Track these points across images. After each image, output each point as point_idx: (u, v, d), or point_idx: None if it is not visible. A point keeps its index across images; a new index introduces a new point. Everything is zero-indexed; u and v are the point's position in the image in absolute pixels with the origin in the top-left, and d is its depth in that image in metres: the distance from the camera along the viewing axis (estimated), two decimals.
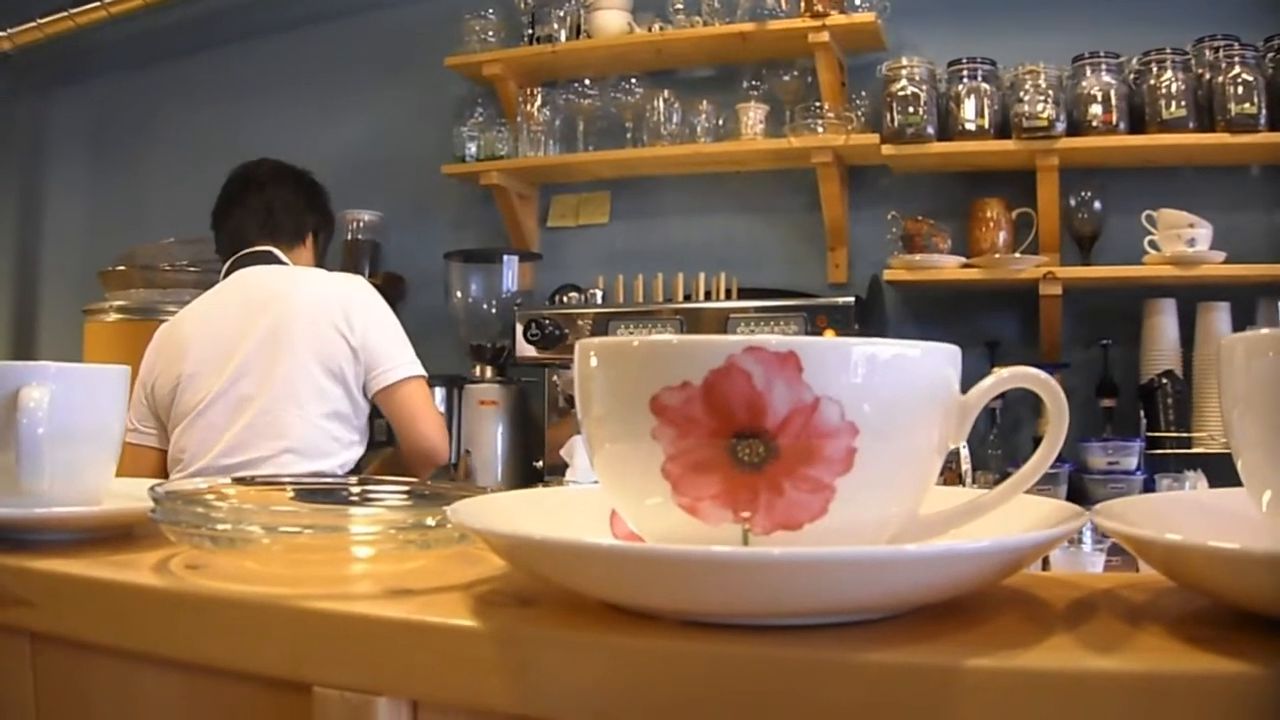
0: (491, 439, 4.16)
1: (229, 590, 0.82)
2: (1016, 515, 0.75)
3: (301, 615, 0.77)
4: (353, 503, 1.00)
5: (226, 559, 0.89)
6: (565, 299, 4.24)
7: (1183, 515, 0.79)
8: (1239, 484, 0.72)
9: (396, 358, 3.26)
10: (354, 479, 1.03)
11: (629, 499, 0.73)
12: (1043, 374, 0.73)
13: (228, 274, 3.43)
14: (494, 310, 4.29)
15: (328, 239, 3.78)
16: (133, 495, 1.03)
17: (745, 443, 0.64)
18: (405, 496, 0.99)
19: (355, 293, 3.30)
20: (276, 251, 3.45)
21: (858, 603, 0.64)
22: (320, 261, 3.67)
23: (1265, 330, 0.70)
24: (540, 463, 4.12)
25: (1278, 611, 0.62)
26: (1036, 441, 3.74)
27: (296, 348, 3.14)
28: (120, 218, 5.32)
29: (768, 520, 0.66)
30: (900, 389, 0.68)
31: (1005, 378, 0.73)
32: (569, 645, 0.67)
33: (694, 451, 0.65)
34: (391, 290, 4.65)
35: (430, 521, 0.84)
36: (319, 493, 1.02)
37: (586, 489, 0.83)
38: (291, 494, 1.01)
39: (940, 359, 0.71)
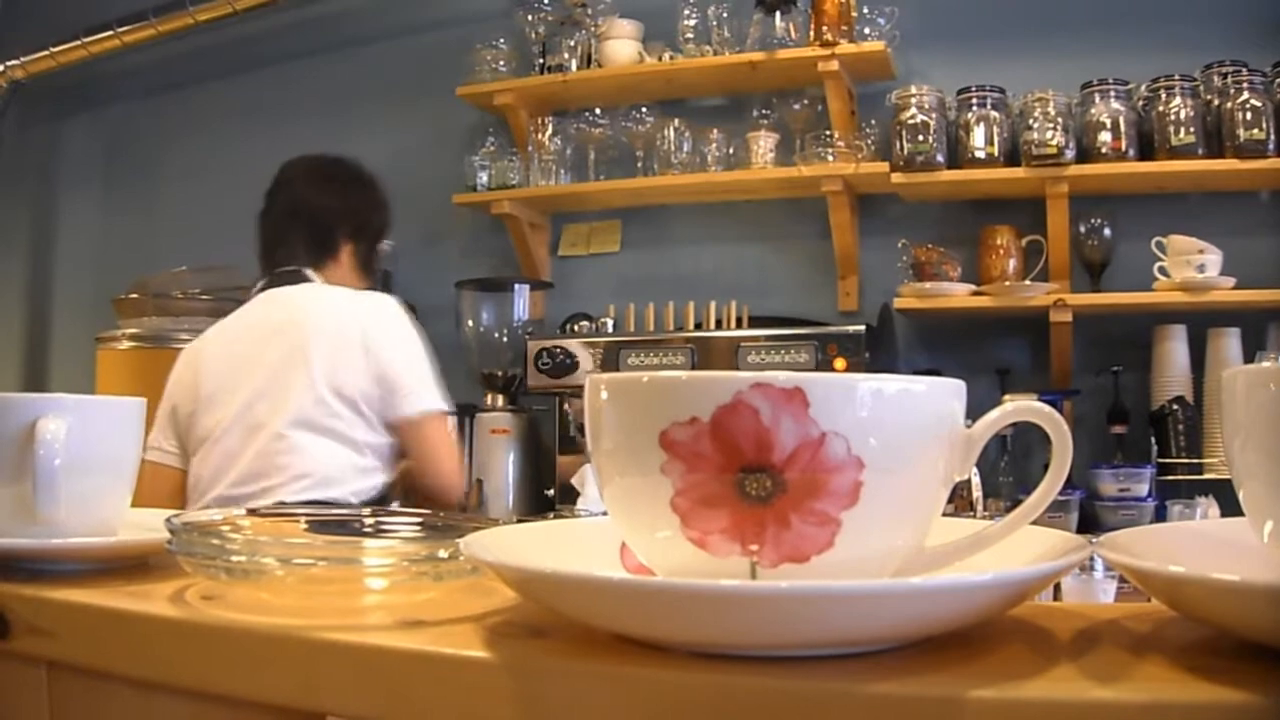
0: (503, 467, 4.17)
1: (243, 621, 0.83)
2: (1022, 546, 0.76)
3: (315, 646, 0.78)
4: (366, 534, 1.01)
5: (241, 590, 0.89)
6: (576, 328, 4.26)
7: (1187, 546, 0.80)
8: None
9: (413, 388, 3.09)
10: (367, 510, 1.03)
11: (638, 532, 0.74)
12: (1047, 408, 0.74)
13: (259, 293, 3.28)
14: (505, 339, 4.30)
15: (373, 242, 3.48)
16: (148, 526, 1.04)
17: (753, 477, 0.65)
18: (418, 528, 1.00)
19: (378, 314, 3.13)
20: (305, 270, 3.24)
21: (863, 635, 0.65)
22: (367, 268, 3.43)
23: (1266, 363, 0.71)
24: (551, 491, 4.13)
25: (1271, 641, 0.63)
26: (1048, 469, 3.78)
27: (311, 372, 3.00)
28: (133, 246, 5.34)
29: (775, 553, 0.67)
30: (905, 423, 0.69)
31: (1010, 411, 0.74)
32: (580, 676, 0.68)
33: (703, 486, 0.66)
34: None
35: (443, 554, 0.85)
36: (332, 524, 1.03)
37: (597, 521, 0.84)
38: (305, 525, 1.02)
39: (945, 393, 0.72)
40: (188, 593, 0.92)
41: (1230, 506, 2.75)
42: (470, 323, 4.34)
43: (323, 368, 3.01)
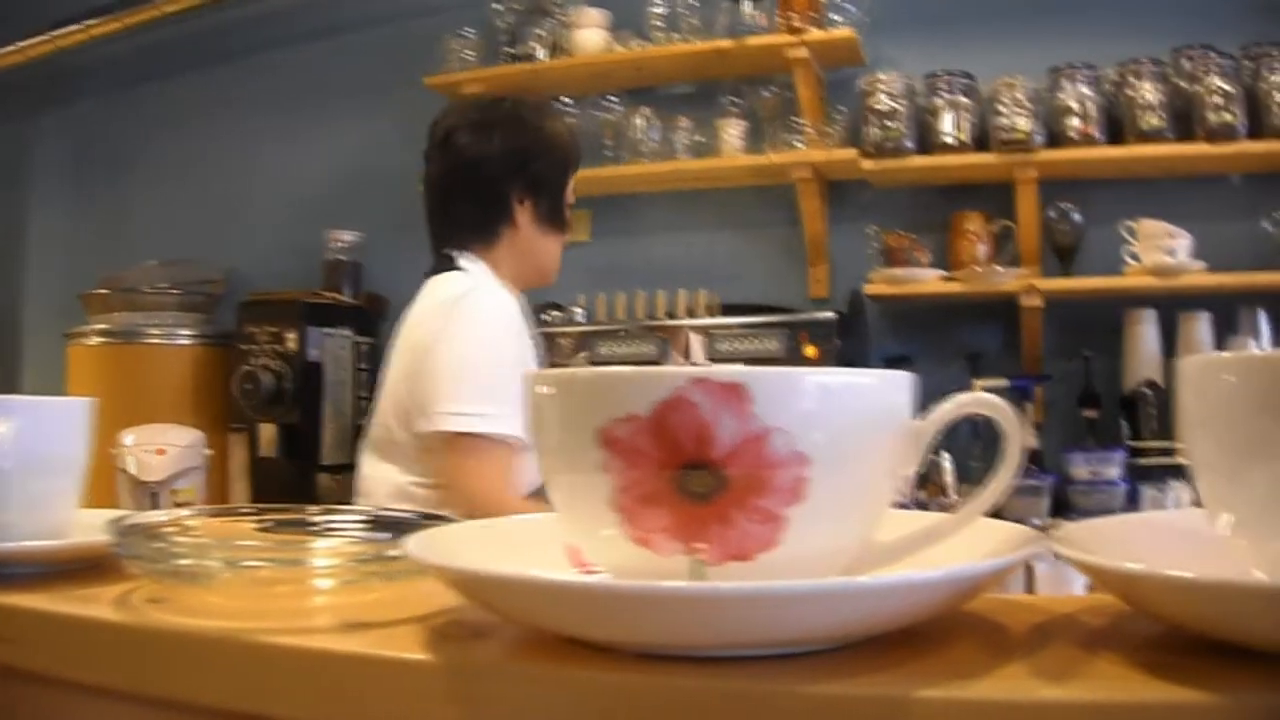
0: None
1: (187, 625, 0.82)
2: (975, 540, 0.75)
3: (259, 650, 0.76)
4: (315, 534, 0.99)
5: (188, 593, 0.88)
6: (547, 317, 4.24)
7: (1144, 538, 0.79)
8: None
9: (439, 403, 2.55)
10: (317, 507, 1.02)
11: (582, 531, 0.73)
12: (997, 399, 0.72)
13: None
14: None
15: (556, 189, 2.89)
16: (100, 527, 1.02)
17: (694, 474, 0.64)
18: (368, 526, 0.98)
19: (447, 316, 2.63)
20: (464, 254, 2.81)
21: (809, 634, 0.64)
22: (555, 223, 2.90)
23: (1223, 352, 0.70)
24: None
25: (1233, 639, 0.61)
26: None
27: (386, 385, 2.72)
28: (102, 241, 5.31)
29: (719, 551, 0.66)
30: (851, 418, 0.67)
31: (960, 403, 0.73)
32: (522, 679, 0.67)
33: (643, 484, 0.65)
34: (374, 311, 4.66)
35: (391, 553, 0.84)
36: (284, 523, 1.01)
37: (547, 517, 0.82)
38: (256, 525, 1.01)
39: (892, 386, 0.71)
40: (134, 596, 0.90)
41: None
42: None
43: (391, 382, 2.71)
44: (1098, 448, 3.73)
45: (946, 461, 3.32)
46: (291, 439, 4.35)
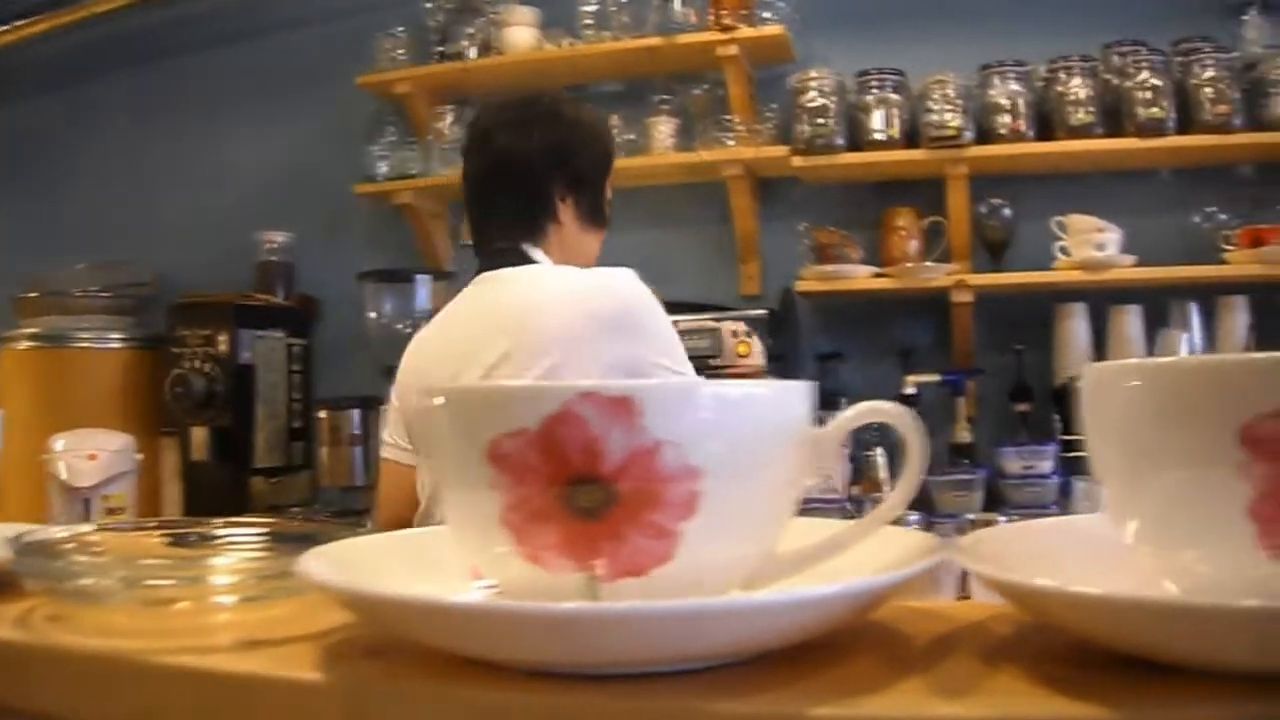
0: None
1: (85, 645, 0.80)
2: (878, 550, 0.74)
3: (155, 670, 0.75)
4: (218, 549, 0.97)
5: (90, 611, 0.86)
6: None
7: (1051, 546, 0.78)
8: None
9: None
10: (220, 520, 1.00)
11: (474, 547, 0.71)
12: (898, 407, 0.71)
13: (476, 274, 2.76)
14: (408, 330, 4.24)
15: (597, 186, 2.84)
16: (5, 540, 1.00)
17: (583, 490, 0.62)
18: (270, 539, 0.96)
19: (619, 295, 2.54)
20: (524, 247, 2.69)
21: (702, 652, 0.63)
22: (596, 221, 2.85)
23: (1128, 360, 0.70)
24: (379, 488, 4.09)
25: (1137, 653, 0.61)
26: (953, 447, 3.79)
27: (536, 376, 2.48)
28: (32, 244, 5.23)
29: (612, 568, 0.64)
30: (746, 429, 0.66)
31: (861, 412, 0.72)
32: (413, 699, 0.65)
33: (532, 500, 0.63)
34: (306, 312, 4.62)
35: (291, 569, 0.82)
36: (185, 537, 0.99)
37: (446, 530, 0.81)
38: (160, 539, 0.99)
39: (789, 396, 0.70)
40: (34, 614, 0.88)
41: None
42: (372, 314, 4.28)
43: (546, 373, 2.47)
44: (1030, 441, 3.75)
45: (880, 457, 3.32)
46: (224, 443, 4.31)
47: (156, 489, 4.44)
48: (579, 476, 0.62)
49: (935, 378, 3.86)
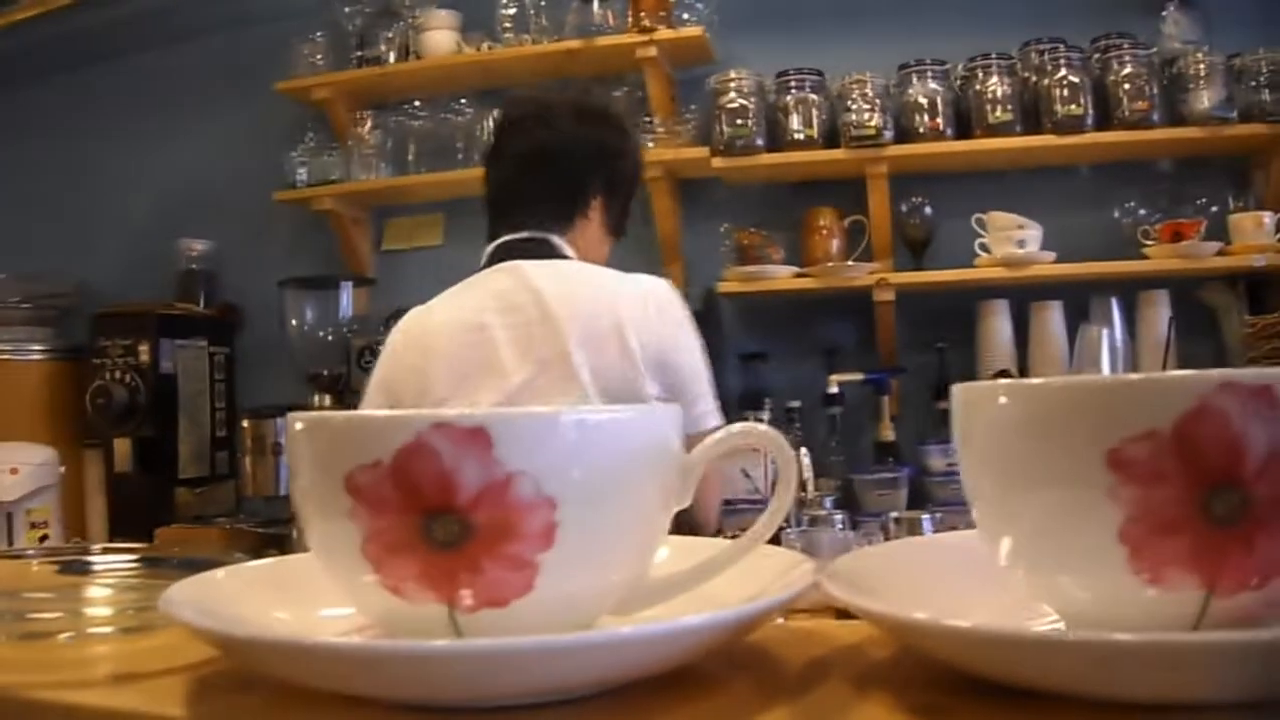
0: None
1: None
2: (753, 570, 0.73)
3: (26, 706, 0.73)
4: (97, 577, 0.95)
5: None
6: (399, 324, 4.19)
7: (923, 567, 0.78)
8: None
9: (700, 396, 2.62)
10: (99, 547, 0.98)
11: (338, 577, 0.70)
12: (766, 429, 0.71)
13: (488, 262, 2.74)
14: (330, 338, 4.22)
15: (626, 198, 2.92)
16: None
17: (438, 522, 0.61)
18: (145, 567, 0.94)
19: (660, 306, 2.62)
20: (552, 238, 2.71)
21: (563, 685, 0.62)
22: (617, 232, 2.92)
23: (996, 381, 0.69)
24: None
25: (1006, 682, 0.60)
26: (878, 446, 3.80)
27: (582, 382, 2.49)
28: None
29: (472, 600, 0.63)
30: (606, 457, 0.65)
31: (730, 435, 0.71)
32: None
33: (390, 532, 0.62)
34: (228, 320, 4.59)
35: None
36: (66, 565, 0.98)
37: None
38: (40, 566, 0.97)
39: (654, 421, 0.69)
40: None
41: None
42: (294, 322, 4.24)
43: (593, 378, 2.51)
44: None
45: (805, 458, 3.32)
46: (147, 453, 4.27)
47: (81, 501, 4.40)
48: (434, 508, 0.61)
49: (859, 376, 3.88)
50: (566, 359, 2.50)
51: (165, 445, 4.30)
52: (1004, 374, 3.77)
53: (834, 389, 3.89)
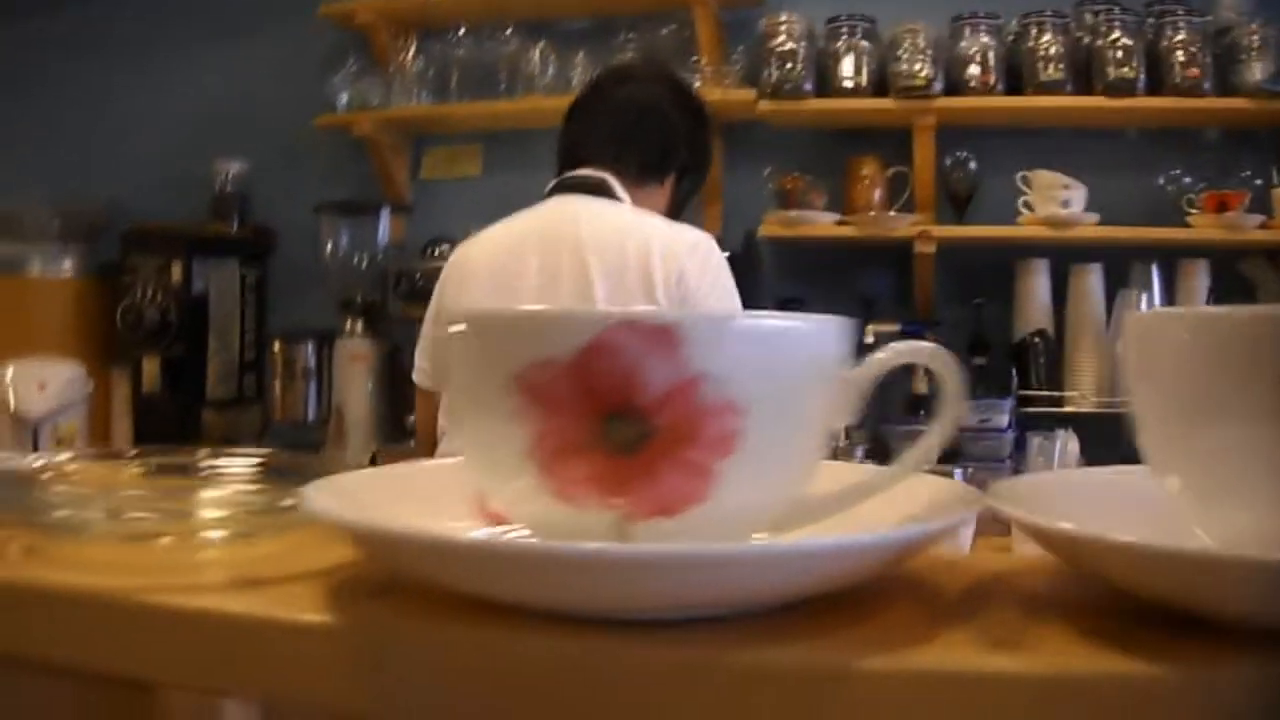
0: (362, 395, 4.08)
1: (66, 581, 0.74)
2: (908, 496, 0.71)
3: (142, 610, 0.69)
4: (202, 481, 0.92)
5: (67, 545, 0.80)
6: (437, 252, 4.17)
7: (1087, 496, 0.75)
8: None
9: None
10: (205, 450, 0.95)
11: (494, 480, 0.67)
12: (937, 349, 0.69)
13: (546, 197, 2.77)
14: (365, 264, 4.20)
15: (693, 186, 3.00)
16: None
17: (617, 424, 0.59)
18: (260, 471, 0.92)
19: (703, 256, 2.63)
20: (613, 183, 2.70)
21: (730, 599, 0.59)
22: (677, 214, 2.87)
23: (1174, 308, 0.67)
24: (413, 417, 4.05)
25: (1183, 608, 0.58)
26: (910, 398, 3.78)
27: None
28: None
29: (643, 506, 0.61)
30: (787, 366, 0.62)
31: (898, 352, 0.69)
32: (423, 642, 0.62)
33: (562, 433, 0.60)
34: (261, 243, 4.57)
35: (287, 502, 0.78)
36: (169, 468, 0.95)
37: (453, 463, 0.77)
38: (139, 470, 0.94)
39: (830, 334, 0.66)
40: (10, 547, 0.81)
41: (1089, 438, 2.75)
42: (330, 247, 4.23)
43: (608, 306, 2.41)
44: (986, 395, 3.74)
45: None
46: (175, 374, 4.27)
47: (107, 420, 4.39)
48: (614, 410, 0.59)
49: (895, 327, 3.85)
50: (588, 285, 2.52)
51: (193, 366, 4.30)
52: (1040, 334, 3.76)
53: (870, 339, 3.86)
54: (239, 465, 0.93)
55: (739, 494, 0.62)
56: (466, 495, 0.74)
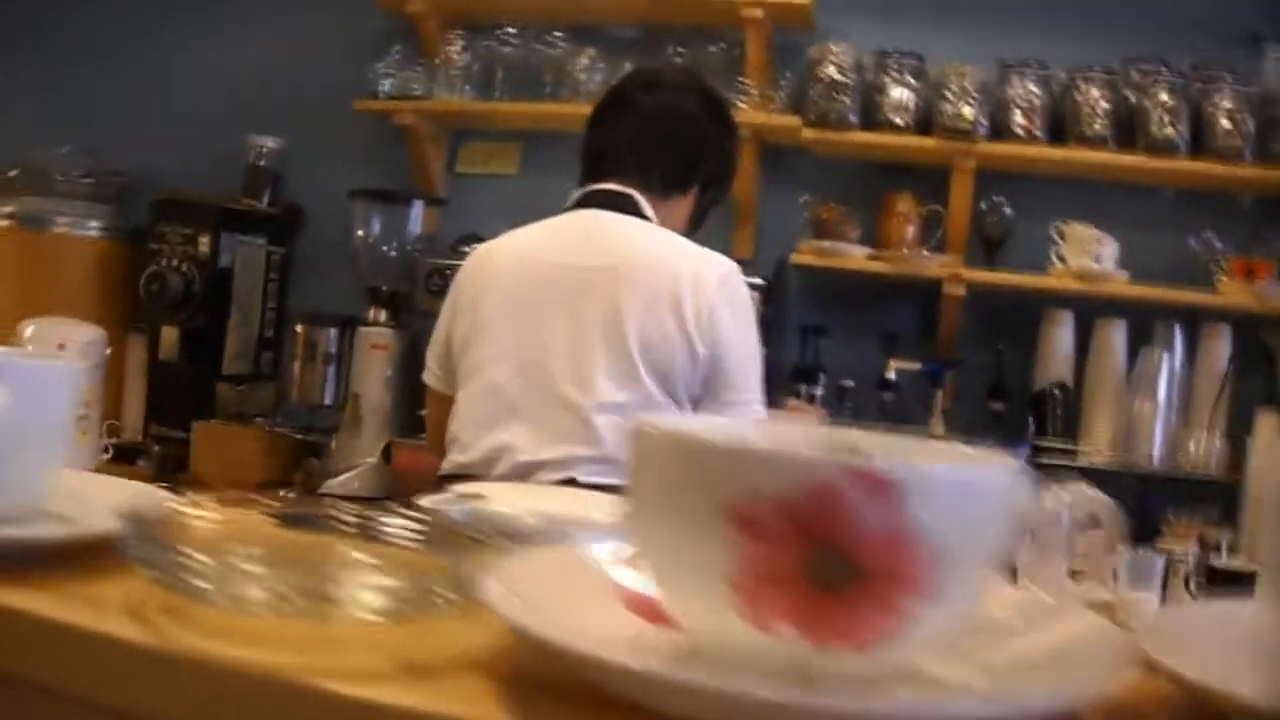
0: (380, 383, 4.08)
1: (222, 655, 0.72)
2: (1061, 637, 0.73)
3: (301, 693, 0.68)
4: (349, 537, 0.88)
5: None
6: (468, 249, 4.18)
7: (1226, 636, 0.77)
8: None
9: (745, 385, 2.62)
10: (350, 505, 0.91)
11: (682, 593, 0.68)
12: (1115, 508, 0.70)
13: (570, 209, 2.77)
14: (394, 253, 4.21)
15: (715, 199, 2.96)
16: (82, 497, 0.94)
17: (826, 562, 0.61)
18: (420, 536, 0.87)
19: (724, 282, 2.61)
20: (638, 197, 2.70)
21: None
22: (697, 225, 2.89)
23: None
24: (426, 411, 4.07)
25: None
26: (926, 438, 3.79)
27: (625, 337, 2.50)
28: (14, 122, 5.10)
29: (835, 639, 0.63)
30: (987, 515, 0.65)
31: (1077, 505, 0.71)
32: None
33: (769, 563, 0.62)
34: (290, 221, 4.57)
35: (445, 594, 0.76)
36: (303, 520, 0.91)
37: (602, 548, 0.79)
38: (275, 520, 0.89)
39: (1022, 484, 0.68)
40: (147, 605, 0.79)
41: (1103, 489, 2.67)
42: (360, 233, 4.23)
43: (639, 335, 2.51)
44: (1001, 441, 3.76)
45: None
46: (194, 344, 4.27)
47: (121, 385, 4.40)
48: (825, 548, 0.61)
49: (916, 365, 3.87)
50: (616, 312, 2.52)
51: (212, 339, 4.30)
52: (1060, 386, 3.78)
53: (891, 374, 3.89)
54: (392, 527, 0.88)
55: (924, 633, 0.64)
56: (619, 581, 0.76)
